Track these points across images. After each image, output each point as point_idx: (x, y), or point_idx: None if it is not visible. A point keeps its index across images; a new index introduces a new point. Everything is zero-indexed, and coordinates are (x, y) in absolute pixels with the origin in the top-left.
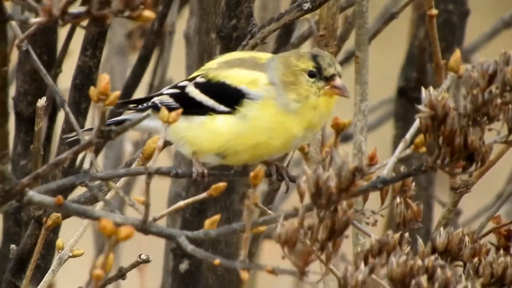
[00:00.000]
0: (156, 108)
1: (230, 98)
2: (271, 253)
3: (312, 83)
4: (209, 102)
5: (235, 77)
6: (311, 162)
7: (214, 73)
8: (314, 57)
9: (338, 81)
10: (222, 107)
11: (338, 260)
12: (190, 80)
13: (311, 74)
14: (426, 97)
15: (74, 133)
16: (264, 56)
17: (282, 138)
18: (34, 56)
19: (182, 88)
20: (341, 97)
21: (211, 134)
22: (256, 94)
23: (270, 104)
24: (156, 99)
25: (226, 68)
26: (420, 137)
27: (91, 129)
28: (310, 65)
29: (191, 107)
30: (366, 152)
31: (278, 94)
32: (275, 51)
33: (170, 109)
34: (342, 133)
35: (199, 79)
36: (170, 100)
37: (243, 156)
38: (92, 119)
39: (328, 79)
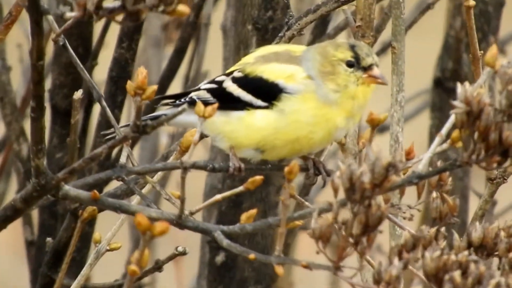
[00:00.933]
0: (193, 103)
1: (267, 93)
2: (308, 244)
3: (350, 72)
4: (246, 97)
5: (272, 72)
6: (347, 153)
7: (251, 67)
8: (352, 47)
9: (376, 71)
10: (259, 102)
11: (374, 251)
12: (228, 74)
13: (349, 64)
14: (461, 93)
15: (112, 129)
16: (298, 49)
17: (324, 130)
18: (71, 51)
19: (220, 83)
20: (378, 88)
21: (249, 129)
22: (293, 88)
23: (310, 98)
24: (193, 94)
25: (262, 62)
26: (457, 132)
27: (127, 125)
28: (348, 55)
29: (228, 102)
30: (403, 143)
31: (317, 87)
32: (311, 42)
33: (208, 104)
34: (377, 126)
35: (237, 74)
36: (207, 96)
37: (281, 151)
38: (128, 112)
39: (366, 69)
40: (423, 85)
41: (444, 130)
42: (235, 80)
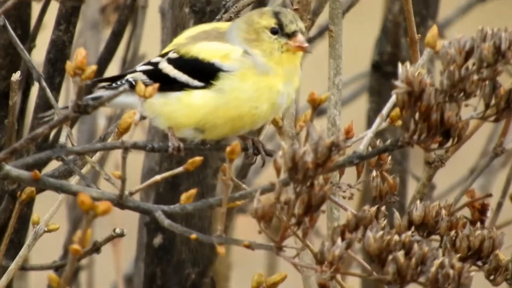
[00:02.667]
0: (130, 85)
1: (203, 73)
2: (245, 226)
3: (274, 39)
4: (182, 77)
5: (207, 52)
6: (285, 136)
7: (185, 48)
8: (276, 14)
9: (300, 37)
10: (196, 82)
11: (312, 234)
12: (162, 56)
13: (273, 31)
14: (402, 73)
15: (50, 111)
16: (225, 25)
17: (269, 101)
18: (11, 31)
19: (155, 64)
20: (316, 71)
21: (188, 108)
22: (230, 66)
23: (248, 73)
24: (129, 77)
25: (194, 42)
26: (396, 111)
27: (67, 107)
28: (272, 22)
29: (166, 83)
30: (341, 127)
31: (253, 60)
32: None
33: (145, 86)
34: (318, 107)
35: (172, 55)
36: (143, 77)
37: (222, 129)
38: (65, 94)
39: (290, 36)
40: (361, 69)
41: (385, 111)
42: (171, 61)
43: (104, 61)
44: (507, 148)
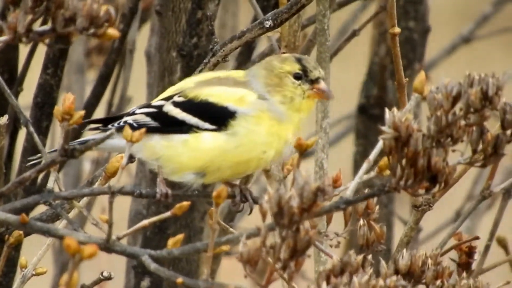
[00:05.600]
0: (130, 127)
1: (215, 116)
2: (230, 269)
3: (298, 85)
4: (192, 120)
5: (220, 95)
6: (272, 179)
7: (195, 92)
8: (299, 60)
9: (323, 84)
10: (207, 125)
11: (298, 277)
12: (166, 99)
13: (296, 77)
14: (389, 118)
15: (38, 155)
16: (238, 74)
17: (276, 148)
18: None
19: (159, 107)
20: None
21: (194, 151)
22: (245, 109)
23: (263, 117)
24: (128, 119)
25: (206, 86)
26: (384, 160)
27: (55, 151)
28: (295, 68)
29: (171, 126)
30: (328, 169)
31: (268, 104)
32: (236, 69)
33: (149, 128)
34: (305, 152)
35: (178, 99)
36: (147, 119)
37: (223, 173)
38: (52, 138)
39: (314, 82)
40: (348, 110)
41: (372, 156)
42: (177, 105)
43: (91, 105)
44: (495, 191)
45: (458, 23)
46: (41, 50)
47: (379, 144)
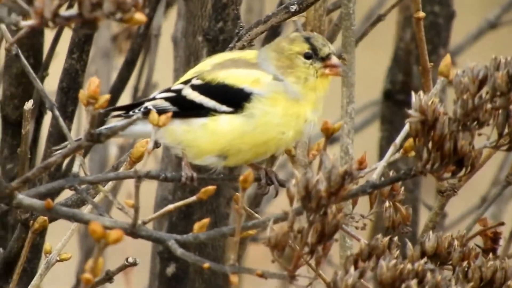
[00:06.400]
0: (148, 113)
1: (232, 98)
2: (257, 256)
3: (310, 64)
4: (209, 103)
5: (235, 77)
6: (297, 165)
7: (212, 75)
8: (307, 39)
9: (335, 60)
10: (224, 107)
11: (325, 263)
12: (184, 83)
13: (307, 56)
14: (416, 102)
15: (63, 144)
16: (251, 55)
17: (295, 128)
18: (24, 60)
19: (178, 91)
20: (328, 99)
21: (214, 135)
22: (260, 91)
23: (279, 98)
24: (149, 104)
25: (221, 69)
26: (409, 142)
27: (80, 139)
28: (305, 47)
29: (190, 109)
30: (353, 155)
31: (284, 86)
32: None
33: (167, 112)
34: (331, 136)
35: (196, 82)
36: (166, 104)
37: (245, 155)
38: (77, 123)
39: (325, 59)
40: (373, 97)
41: (398, 140)
42: (195, 88)
43: (117, 90)
44: None
45: (483, 8)
46: (67, 35)
47: (405, 128)
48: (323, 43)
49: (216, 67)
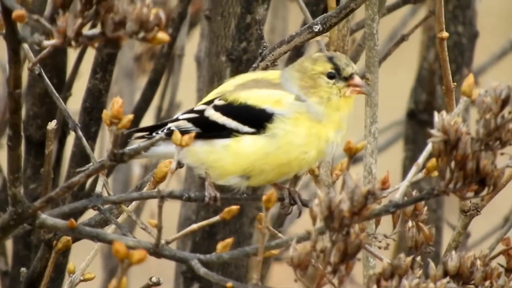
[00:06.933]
0: (171, 134)
1: (254, 119)
2: (280, 275)
3: (333, 84)
4: (232, 124)
5: (257, 98)
6: (321, 184)
7: (234, 95)
8: (330, 59)
9: (357, 79)
10: (246, 128)
11: (347, 282)
12: (207, 103)
13: (330, 76)
14: (439, 121)
15: (87, 166)
16: (274, 75)
17: (317, 148)
18: (47, 80)
19: (201, 112)
20: (351, 118)
21: (236, 155)
22: (283, 111)
23: (302, 118)
24: (172, 125)
25: (244, 89)
26: (432, 162)
27: (103, 160)
28: (328, 67)
29: (213, 131)
30: (376, 175)
31: (307, 106)
32: None
33: (190, 133)
34: (354, 155)
35: (218, 102)
36: (189, 125)
37: (268, 175)
38: (101, 142)
39: (348, 79)
40: (397, 116)
41: (421, 160)
42: (218, 108)
43: (140, 110)
44: None
45: (506, 28)
46: (90, 55)
47: (428, 148)
48: (346, 63)
49: (239, 88)
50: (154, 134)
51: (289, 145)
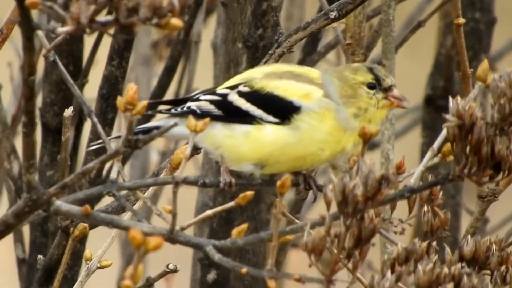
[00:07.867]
0: (192, 113)
1: (279, 109)
2: (298, 262)
3: (372, 95)
4: (256, 112)
5: (286, 89)
6: (337, 170)
7: (262, 83)
8: (371, 69)
9: (397, 92)
10: (270, 118)
11: (364, 268)
12: (231, 88)
13: (370, 86)
14: (453, 106)
15: (99, 141)
16: (314, 74)
17: (332, 151)
18: (62, 67)
19: (224, 95)
20: None
21: (255, 143)
22: (309, 106)
23: (329, 117)
24: (192, 105)
25: (274, 79)
26: (447, 146)
27: (118, 137)
28: (369, 77)
29: (234, 116)
30: (394, 161)
31: (336, 108)
32: (302, 60)
33: (211, 115)
34: (369, 141)
35: (243, 88)
36: (211, 107)
37: (282, 166)
38: (118, 130)
39: (387, 90)
40: (414, 103)
41: (436, 145)
42: (242, 95)
43: (156, 96)
44: None
45: None
46: (106, 42)
47: (443, 133)
48: (386, 75)
49: (269, 76)
50: (173, 111)
51: (310, 139)
